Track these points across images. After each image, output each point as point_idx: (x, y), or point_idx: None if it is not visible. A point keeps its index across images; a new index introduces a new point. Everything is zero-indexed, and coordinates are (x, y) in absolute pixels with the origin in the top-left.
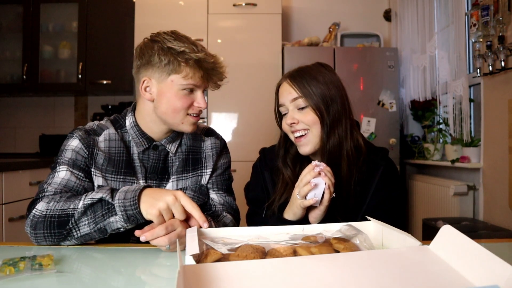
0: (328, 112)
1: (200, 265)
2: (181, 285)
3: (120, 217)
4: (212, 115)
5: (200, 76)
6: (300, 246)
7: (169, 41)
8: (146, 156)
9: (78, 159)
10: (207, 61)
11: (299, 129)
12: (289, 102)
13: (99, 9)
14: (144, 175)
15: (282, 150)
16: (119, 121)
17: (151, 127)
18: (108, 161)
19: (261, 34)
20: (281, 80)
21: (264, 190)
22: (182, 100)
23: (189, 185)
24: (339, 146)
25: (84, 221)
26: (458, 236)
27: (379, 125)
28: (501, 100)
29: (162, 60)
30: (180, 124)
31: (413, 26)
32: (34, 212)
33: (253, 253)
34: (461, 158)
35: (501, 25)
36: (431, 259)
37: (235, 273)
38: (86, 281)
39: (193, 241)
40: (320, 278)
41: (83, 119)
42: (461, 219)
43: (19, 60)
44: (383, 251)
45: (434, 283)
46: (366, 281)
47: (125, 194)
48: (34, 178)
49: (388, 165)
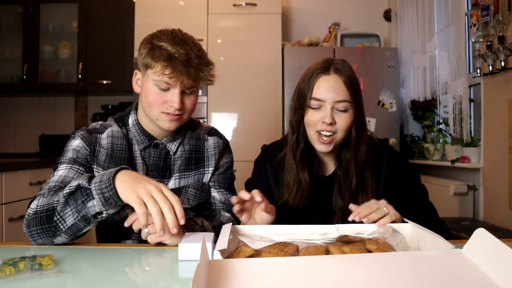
0: (360, 121)
1: (224, 260)
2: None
3: (98, 201)
4: (212, 115)
5: (170, 73)
6: (333, 245)
7: (157, 37)
8: (147, 154)
9: (79, 157)
10: (179, 58)
11: (332, 130)
12: (333, 101)
13: (99, 9)
14: (146, 173)
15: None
16: (123, 119)
17: (148, 125)
18: (110, 158)
19: (261, 34)
20: (324, 70)
21: (265, 182)
22: (154, 95)
23: (191, 183)
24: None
25: (67, 212)
26: (491, 240)
27: (379, 125)
28: (501, 100)
29: (142, 54)
30: (156, 120)
31: (413, 26)
32: (28, 211)
33: (284, 250)
34: (461, 158)
35: (501, 25)
36: (462, 262)
37: (257, 269)
38: (86, 281)
39: (223, 237)
40: (341, 277)
41: (83, 119)
42: (461, 219)
43: (19, 60)
44: (413, 253)
45: (462, 286)
46: (387, 282)
47: (101, 177)
48: (34, 178)
49: (390, 150)
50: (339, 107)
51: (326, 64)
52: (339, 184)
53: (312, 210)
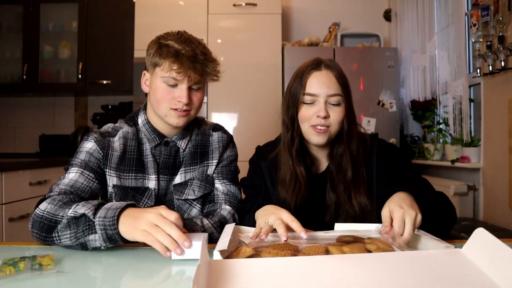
0: (351, 114)
1: (224, 260)
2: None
3: (100, 236)
4: (212, 115)
5: (178, 69)
6: (332, 245)
7: (163, 37)
8: (158, 151)
9: (91, 161)
10: (185, 55)
11: (326, 124)
12: (326, 95)
13: (99, 9)
14: (157, 170)
15: (291, 143)
16: (133, 119)
17: (158, 123)
18: (122, 159)
19: (261, 34)
20: (315, 67)
21: (261, 178)
22: (162, 92)
23: (196, 176)
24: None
25: (66, 234)
26: (490, 239)
27: (379, 125)
28: (501, 100)
29: (150, 54)
30: (165, 117)
31: (413, 26)
32: (36, 210)
33: (284, 250)
34: (461, 158)
35: (501, 25)
36: (462, 262)
37: (257, 269)
38: (86, 281)
39: (225, 237)
40: (341, 277)
41: (83, 119)
42: (461, 219)
43: (19, 60)
44: (413, 252)
45: (462, 286)
46: (386, 282)
47: (106, 212)
48: (34, 178)
49: (380, 141)
50: (332, 101)
51: (316, 61)
52: (331, 179)
53: (307, 207)
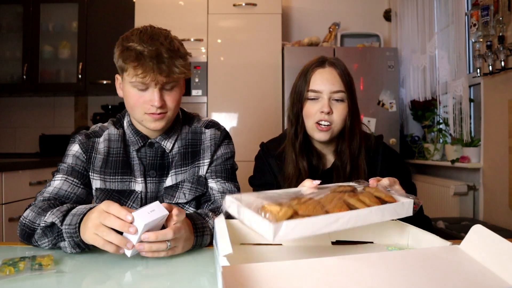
0: (354, 111)
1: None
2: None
3: (68, 243)
4: (212, 115)
5: (142, 73)
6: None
7: (126, 38)
8: (143, 153)
9: (77, 164)
10: (148, 56)
11: (329, 120)
12: (329, 92)
13: (99, 9)
14: (143, 173)
15: (295, 138)
16: (120, 121)
17: (139, 125)
18: (106, 162)
19: (261, 34)
20: (319, 64)
21: (272, 174)
22: (134, 97)
23: (186, 178)
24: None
25: (44, 242)
26: (489, 235)
27: (379, 125)
28: (501, 100)
29: (115, 57)
30: (141, 121)
31: (413, 26)
32: (21, 218)
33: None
34: (461, 158)
35: (501, 25)
36: (464, 258)
37: (272, 273)
38: (86, 281)
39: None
40: (354, 278)
41: (83, 119)
42: (461, 219)
43: (19, 60)
44: (416, 251)
45: (470, 282)
46: (399, 281)
47: (71, 218)
48: (34, 178)
49: (385, 146)
50: (336, 97)
51: (321, 59)
52: (337, 175)
53: None
